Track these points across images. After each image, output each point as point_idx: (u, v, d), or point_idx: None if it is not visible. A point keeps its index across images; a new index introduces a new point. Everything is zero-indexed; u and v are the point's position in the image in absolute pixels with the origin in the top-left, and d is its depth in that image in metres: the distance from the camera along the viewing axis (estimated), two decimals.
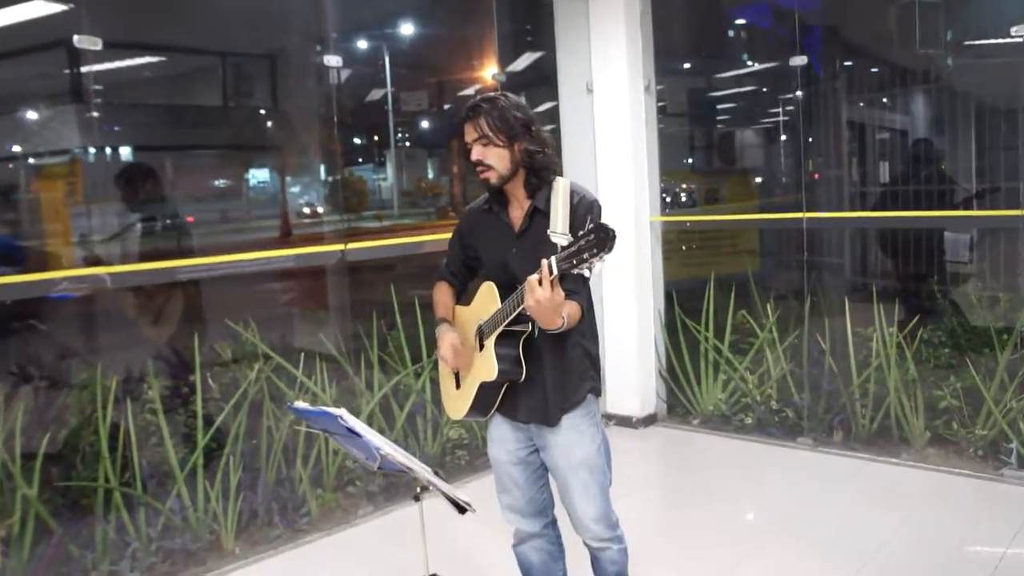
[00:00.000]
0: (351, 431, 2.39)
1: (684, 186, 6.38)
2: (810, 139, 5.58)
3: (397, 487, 4.58)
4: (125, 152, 4.54)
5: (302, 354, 4.52)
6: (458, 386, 2.71)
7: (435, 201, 6.66)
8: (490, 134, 2.44)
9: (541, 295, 2.13)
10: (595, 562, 2.78)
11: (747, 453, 5.20)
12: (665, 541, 3.96)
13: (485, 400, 2.59)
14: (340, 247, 4.50)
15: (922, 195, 5.20)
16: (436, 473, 2.51)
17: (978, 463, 4.64)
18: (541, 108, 6.21)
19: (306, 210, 5.46)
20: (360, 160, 6.09)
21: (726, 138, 6.65)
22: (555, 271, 2.09)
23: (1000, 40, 5.03)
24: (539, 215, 2.49)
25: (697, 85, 6.59)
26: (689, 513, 4.29)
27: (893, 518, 4.09)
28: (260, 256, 4.27)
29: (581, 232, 2.05)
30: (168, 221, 4.39)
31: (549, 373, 2.54)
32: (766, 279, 5.95)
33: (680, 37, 5.93)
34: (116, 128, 4.36)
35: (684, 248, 6.11)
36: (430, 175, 6.76)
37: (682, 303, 5.78)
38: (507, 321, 2.40)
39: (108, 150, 4.39)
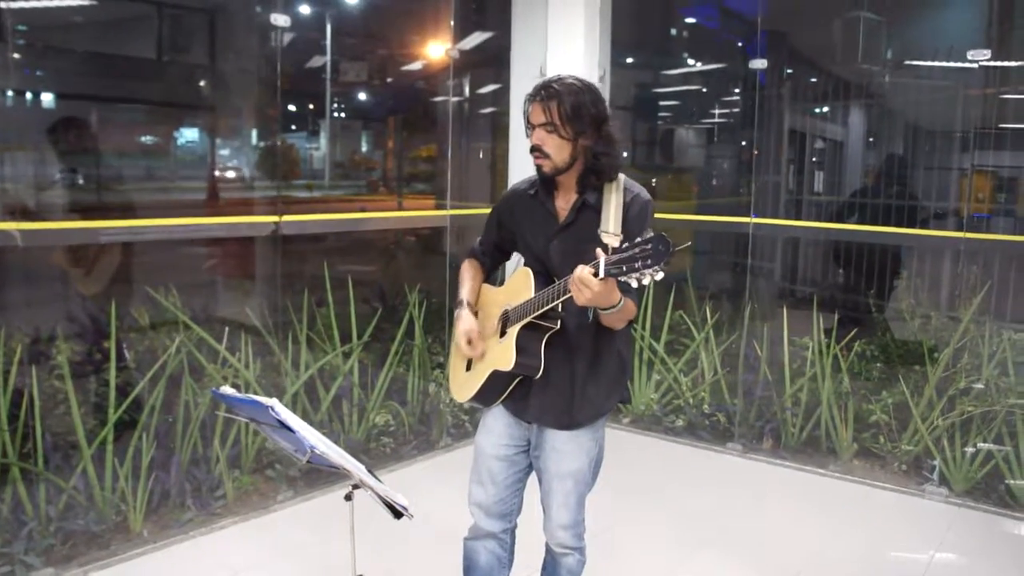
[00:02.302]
0: (282, 424, 2.22)
1: (650, 185, 6.26)
2: (754, 144, 5.50)
3: (319, 473, 4.36)
4: (47, 99, 4.24)
5: (225, 327, 4.31)
6: (468, 367, 2.61)
7: (368, 175, 6.53)
8: (558, 123, 2.29)
9: (591, 294, 2.06)
10: (551, 565, 2.70)
11: (677, 456, 5.14)
12: (590, 543, 3.81)
13: (494, 389, 2.51)
14: (274, 219, 4.27)
15: (878, 209, 5.19)
16: (371, 473, 2.36)
17: (901, 478, 4.66)
18: (487, 89, 6.10)
19: (233, 174, 5.22)
20: (293, 128, 5.87)
21: (667, 136, 6.56)
22: (602, 273, 1.97)
23: (939, 63, 5.07)
24: (588, 209, 2.37)
25: (643, 80, 6.50)
26: (616, 515, 4.19)
27: (821, 529, 4.08)
28: (190, 223, 4.04)
29: (640, 239, 1.91)
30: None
31: (580, 377, 2.44)
32: (700, 279, 5.92)
33: (630, 30, 5.81)
34: (38, 72, 4.07)
35: None
36: (364, 149, 6.60)
37: None
38: (537, 313, 2.29)
39: (28, 95, 4.07)
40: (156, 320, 4.27)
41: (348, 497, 2.40)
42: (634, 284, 1.91)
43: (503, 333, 2.44)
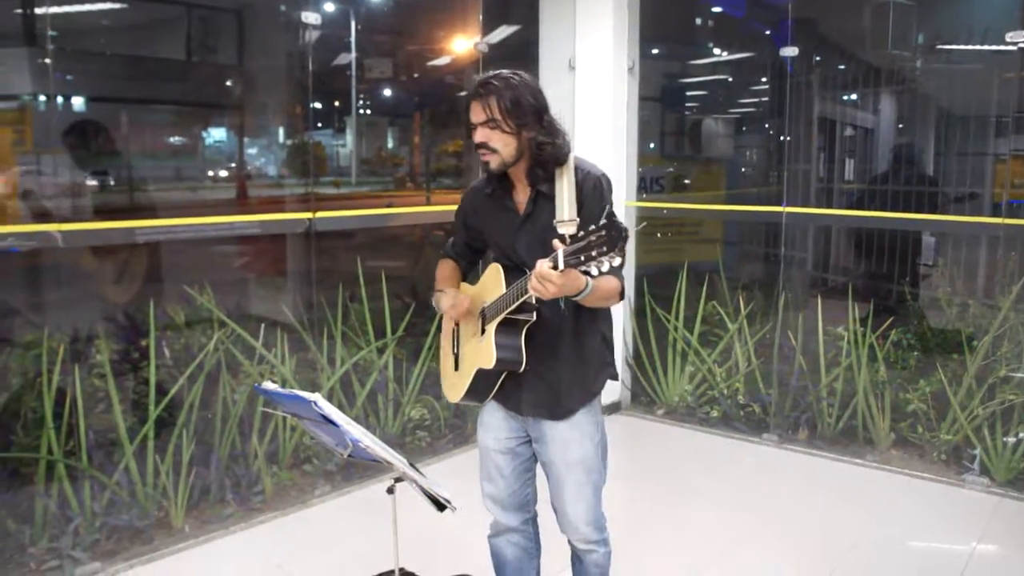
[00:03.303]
0: (325, 418, 2.27)
1: (670, 170, 6.26)
2: (784, 133, 5.50)
3: (356, 466, 4.42)
4: (78, 102, 4.28)
5: (261, 324, 4.36)
6: (456, 367, 2.62)
7: (394, 171, 6.50)
8: (499, 118, 2.28)
9: (550, 287, 2.04)
10: (577, 563, 2.69)
11: (711, 447, 5.14)
12: (628, 536, 3.84)
13: (482, 386, 2.50)
14: (308, 215, 4.31)
15: (900, 196, 5.16)
16: (413, 466, 2.41)
17: (941, 467, 4.63)
18: None
19: (261, 172, 5.27)
20: (320, 125, 5.88)
21: (696, 126, 6.55)
22: (562, 265, 1.95)
23: (970, 47, 5.03)
24: (543, 199, 2.37)
25: (671, 70, 6.48)
26: (653, 508, 4.20)
27: (859, 520, 4.06)
28: (225, 220, 4.07)
29: (593, 227, 1.90)
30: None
31: (566, 366, 2.45)
32: (732, 270, 5.89)
33: (656, 20, 5.80)
34: (70, 76, 4.09)
35: (651, 235, 6.01)
36: (390, 145, 6.56)
37: (650, 290, 5.68)
38: (511, 309, 2.30)
39: (60, 99, 4.12)
40: (192, 318, 4.30)
41: (390, 490, 2.45)
42: (594, 272, 1.91)
43: (483, 331, 2.45)
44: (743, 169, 6.50)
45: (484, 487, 2.67)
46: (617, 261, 1.88)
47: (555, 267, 1.98)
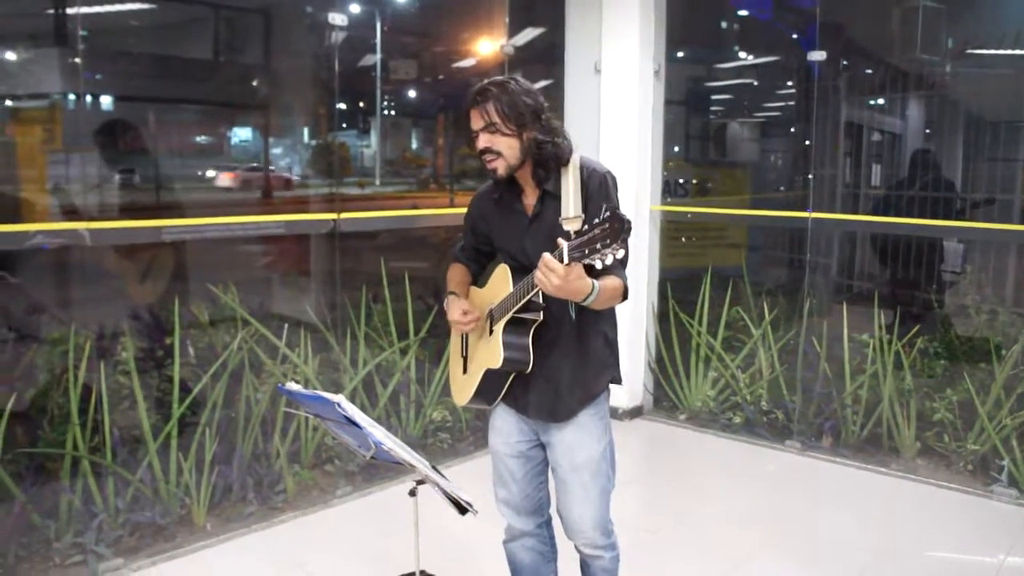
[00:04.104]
0: (349, 420, 2.27)
1: (696, 180, 6.25)
2: (810, 138, 5.48)
3: (377, 467, 4.43)
4: (106, 101, 4.31)
5: (284, 323, 4.39)
6: (465, 370, 2.63)
7: (418, 172, 6.54)
8: (498, 121, 2.32)
9: (554, 281, 2.04)
10: (585, 568, 2.69)
11: (734, 453, 5.12)
12: (644, 543, 3.83)
13: (490, 388, 2.51)
14: (333, 216, 4.34)
15: (928, 202, 5.12)
16: (435, 469, 2.41)
17: (968, 478, 4.59)
18: (539, 85, 6.03)
19: (292, 173, 5.30)
20: (344, 126, 5.90)
21: (721, 130, 6.55)
22: (566, 259, 1.97)
23: (1002, 51, 4.98)
24: (549, 198, 2.40)
25: (696, 74, 6.46)
26: (673, 514, 4.20)
27: (883, 531, 4.03)
28: (251, 220, 4.11)
29: (596, 220, 1.92)
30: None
31: (568, 366, 2.46)
32: (756, 275, 5.87)
33: (682, 24, 5.80)
34: (99, 76, 4.11)
35: (675, 239, 6.00)
36: (414, 146, 6.61)
37: (674, 294, 5.67)
38: (517, 308, 2.32)
39: (90, 98, 4.15)
40: (216, 317, 4.33)
41: (412, 492, 2.46)
42: (598, 265, 1.92)
43: (491, 331, 2.45)
44: (768, 173, 6.48)
45: (497, 492, 2.68)
46: (621, 253, 1.89)
47: (560, 261, 1.99)
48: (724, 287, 5.56)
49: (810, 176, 5.33)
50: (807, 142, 5.52)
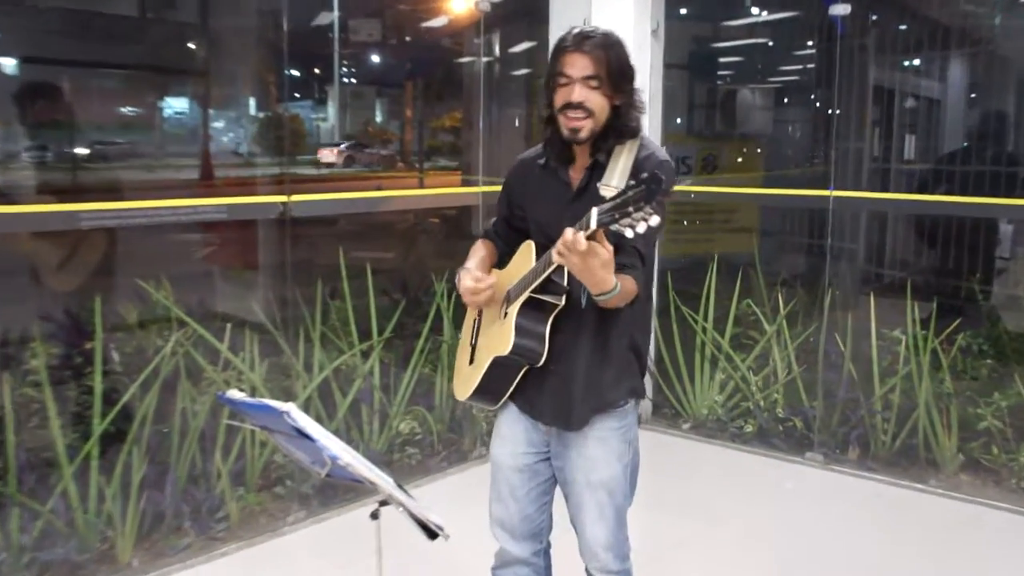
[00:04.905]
0: (299, 432, 2.20)
1: (701, 155, 6.16)
2: (832, 105, 5.39)
3: (335, 488, 4.34)
4: (10, 64, 4.25)
5: (227, 323, 4.31)
6: (472, 360, 2.61)
7: (384, 148, 6.64)
8: (604, 76, 2.29)
9: (575, 256, 1.99)
10: None
11: (745, 467, 5.07)
12: (648, 570, 3.71)
13: (497, 382, 2.47)
14: (282, 199, 4.23)
15: (971, 178, 5.04)
16: (401, 487, 2.32)
17: (1020, 496, 4.53)
18: (521, 47, 6.09)
19: (229, 149, 5.32)
20: (297, 95, 5.87)
21: (730, 97, 6.44)
22: (594, 224, 1.92)
23: None
24: (599, 170, 2.35)
25: (701, 33, 6.43)
26: (676, 538, 4.14)
27: (920, 556, 3.97)
28: (186, 204, 3.99)
29: (631, 182, 1.88)
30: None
31: (583, 364, 2.42)
32: (770, 263, 5.85)
33: None
34: (1, 33, 4.06)
35: (676, 222, 5.90)
36: (379, 118, 6.69)
37: (676, 286, 5.60)
38: (535, 285, 2.28)
39: None
40: (146, 317, 4.26)
41: (374, 515, 2.37)
42: (629, 233, 1.87)
43: (505, 315, 2.43)
44: (784, 147, 6.49)
45: (493, 510, 2.65)
46: (655, 220, 1.85)
47: (586, 228, 1.95)
48: (733, 277, 5.52)
49: (832, 149, 5.28)
50: (829, 110, 5.48)
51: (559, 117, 2.34)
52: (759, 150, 6.45)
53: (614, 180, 2.25)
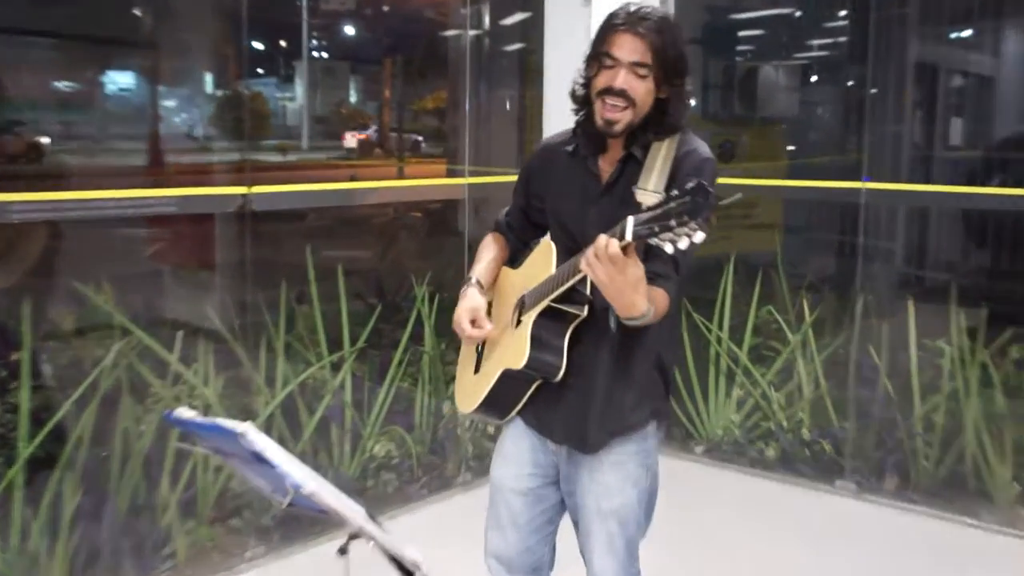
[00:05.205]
0: (257, 456, 2.12)
1: (716, 142, 6.14)
2: (867, 84, 5.37)
3: (299, 520, 4.32)
4: None
5: (178, 331, 4.26)
6: (477, 370, 2.64)
7: (359, 133, 6.45)
8: (656, 65, 2.29)
9: (605, 268, 2.01)
10: None
11: (768, 496, 5.08)
12: None
13: (506, 395, 2.51)
14: (242, 190, 4.21)
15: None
16: (373, 519, 2.26)
17: None
18: (513, 19, 6.00)
19: (182, 132, 5.20)
20: (260, 71, 5.86)
21: (750, 76, 6.40)
22: (629, 235, 1.93)
23: None
24: (633, 164, 2.37)
25: (716, 2, 6.42)
26: (689, 573, 4.15)
27: None
28: (131, 195, 3.95)
29: (675, 191, 1.88)
30: None
31: (603, 381, 2.43)
32: (795, 264, 5.80)
33: None
34: None
35: None
36: (353, 99, 6.59)
37: (687, 290, 5.47)
38: (556, 294, 2.30)
39: None
40: (84, 324, 4.18)
41: (343, 550, 2.28)
42: (669, 249, 1.90)
43: (519, 323, 2.46)
44: (811, 132, 6.46)
45: (489, 540, 2.67)
46: (700, 237, 1.86)
47: (620, 238, 1.97)
48: (752, 280, 5.52)
49: (866, 135, 5.26)
50: (863, 90, 5.42)
51: (596, 102, 2.32)
52: (783, 136, 6.45)
53: (651, 182, 2.25)
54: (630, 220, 1.94)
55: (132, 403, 3.99)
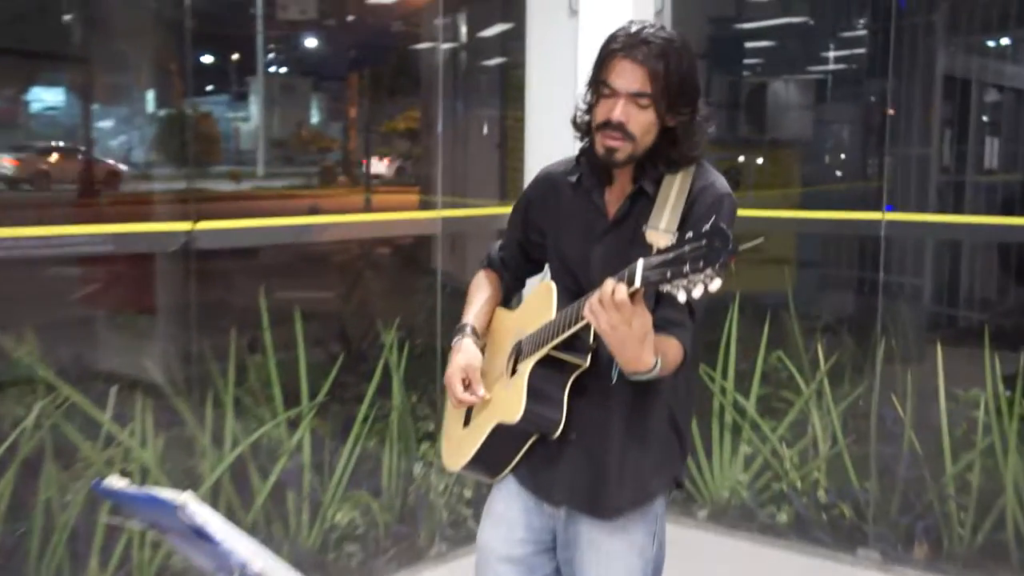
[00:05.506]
0: (198, 531, 2.05)
1: (720, 167, 6.10)
2: (888, 100, 5.40)
3: None
4: None
5: (112, 386, 4.16)
6: (467, 423, 2.64)
7: (321, 158, 6.53)
8: (659, 95, 2.28)
9: (609, 316, 2.01)
10: None
11: (779, 567, 5.03)
12: None
13: (499, 451, 2.52)
14: (186, 226, 4.15)
15: None
16: None
17: None
18: (492, 31, 6.06)
19: (119, 158, 5.18)
20: (209, 88, 5.87)
21: (757, 93, 6.45)
22: (638, 281, 1.94)
23: None
24: (643, 200, 2.39)
25: (720, 12, 6.46)
26: None
27: None
28: (58, 233, 3.89)
29: (690, 233, 1.88)
30: None
31: (618, 442, 2.43)
32: (808, 303, 5.80)
33: None
34: None
35: None
36: (315, 119, 6.62)
37: None
38: (555, 342, 2.31)
39: None
40: (4, 379, 4.11)
41: None
42: (682, 297, 1.89)
43: (514, 372, 2.47)
44: (827, 155, 6.48)
45: None
46: (716, 285, 1.86)
47: (629, 284, 1.98)
48: (760, 322, 5.48)
49: (886, 158, 5.25)
50: (885, 108, 5.45)
51: (596, 133, 2.34)
52: (794, 160, 6.48)
53: (663, 220, 2.27)
54: (640, 264, 1.95)
55: (57, 470, 3.90)
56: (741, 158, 6.42)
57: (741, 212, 5.28)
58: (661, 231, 2.22)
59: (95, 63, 4.86)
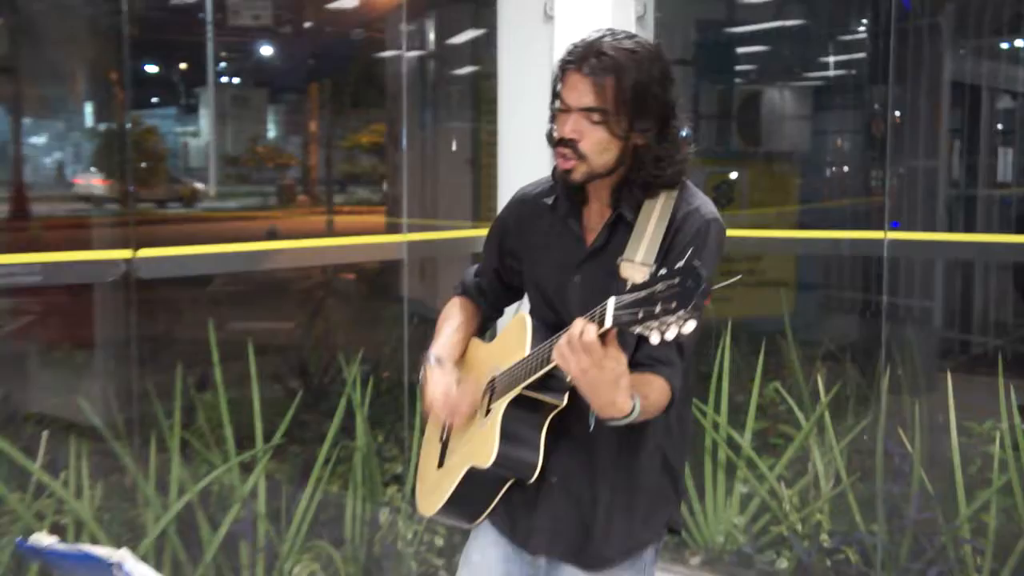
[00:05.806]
0: None
1: (711, 182, 6.21)
2: (889, 108, 5.41)
3: None
4: None
5: (43, 429, 4.19)
6: (441, 463, 2.65)
7: (278, 176, 6.55)
8: (611, 109, 2.26)
9: (579, 360, 1.99)
10: None
11: None
12: None
13: (474, 496, 2.49)
14: (126, 254, 4.10)
15: None
16: None
17: None
18: (462, 38, 6.08)
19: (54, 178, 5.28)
20: (154, 100, 5.91)
21: (750, 102, 6.46)
22: (609, 321, 1.92)
23: None
24: (623, 228, 2.37)
25: (708, 15, 6.45)
26: None
27: None
28: None
29: (664, 271, 1.86)
30: None
31: (604, 486, 2.43)
32: (807, 330, 5.85)
33: None
34: None
35: None
36: (272, 133, 6.70)
37: None
38: (528, 382, 2.30)
39: None
40: None
41: None
42: (655, 339, 1.87)
43: (488, 411, 2.47)
44: (825, 169, 6.52)
45: None
46: (689, 327, 1.83)
47: (600, 324, 1.96)
48: (755, 350, 5.46)
49: (890, 171, 5.27)
50: (887, 117, 5.45)
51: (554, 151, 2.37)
52: (791, 174, 6.50)
53: (640, 252, 2.25)
54: (611, 302, 1.93)
55: None
56: (733, 173, 6.44)
57: (735, 232, 5.34)
58: (637, 264, 2.24)
59: (24, 73, 4.88)
